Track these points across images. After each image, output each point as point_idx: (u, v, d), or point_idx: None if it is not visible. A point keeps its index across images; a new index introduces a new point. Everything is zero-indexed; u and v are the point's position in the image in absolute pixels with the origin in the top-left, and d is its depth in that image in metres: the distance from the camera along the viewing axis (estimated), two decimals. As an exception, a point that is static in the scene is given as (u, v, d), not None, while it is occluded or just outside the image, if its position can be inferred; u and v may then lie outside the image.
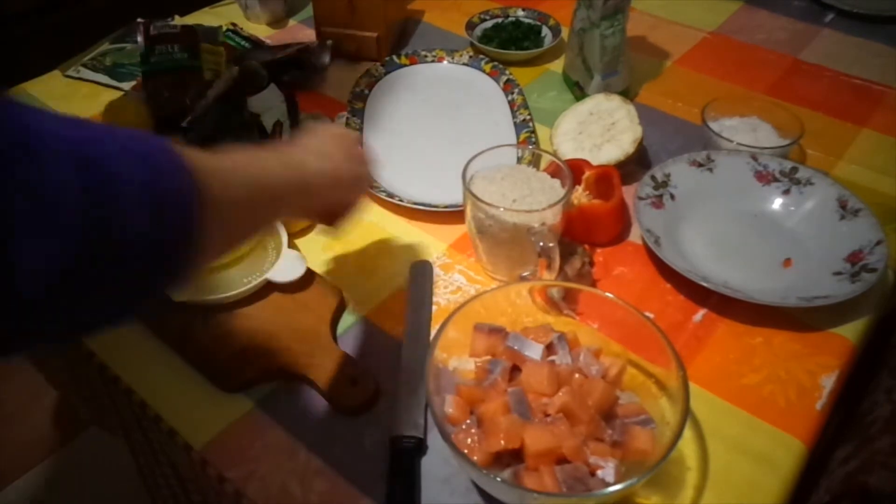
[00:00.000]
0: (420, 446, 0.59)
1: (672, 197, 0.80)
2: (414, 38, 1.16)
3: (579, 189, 0.79)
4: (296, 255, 0.72)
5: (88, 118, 0.95)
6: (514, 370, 0.59)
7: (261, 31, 1.14)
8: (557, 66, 1.08)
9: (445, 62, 1.06)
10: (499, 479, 0.50)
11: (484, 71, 1.05)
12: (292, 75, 1.01)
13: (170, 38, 0.99)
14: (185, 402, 0.63)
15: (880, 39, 1.14)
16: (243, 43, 1.06)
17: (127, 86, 1.00)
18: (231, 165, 0.45)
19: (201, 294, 0.68)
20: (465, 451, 0.52)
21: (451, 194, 0.80)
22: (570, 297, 0.66)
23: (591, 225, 0.77)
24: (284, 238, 0.73)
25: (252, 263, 0.71)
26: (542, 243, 0.64)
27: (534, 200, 0.69)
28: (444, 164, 0.86)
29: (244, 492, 0.57)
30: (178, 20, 1.01)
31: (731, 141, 0.84)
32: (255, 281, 0.69)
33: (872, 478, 0.57)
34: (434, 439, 0.60)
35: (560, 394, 0.55)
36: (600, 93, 0.92)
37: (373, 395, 0.62)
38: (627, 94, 0.99)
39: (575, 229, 0.75)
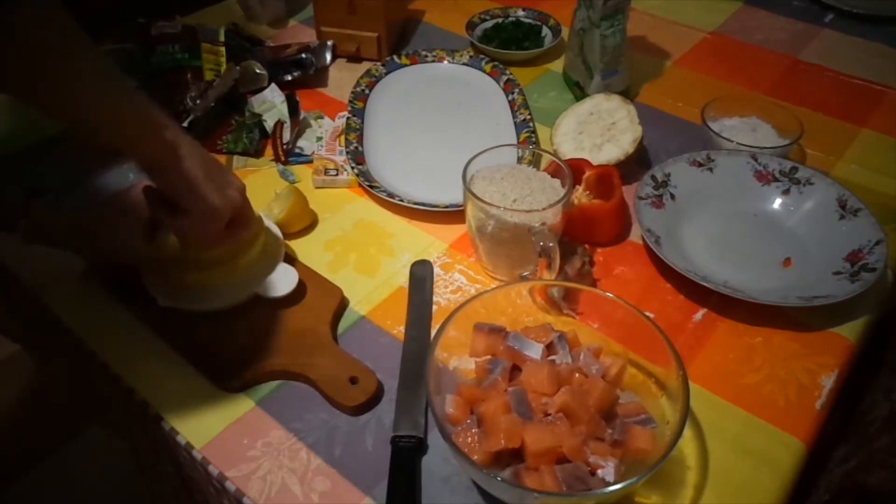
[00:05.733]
0: (420, 445, 0.59)
1: (672, 197, 0.80)
2: (414, 38, 1.16)
3: (579, 189, 0.79)
4: (288, 270, 0.70)
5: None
6: (515, 370, 0.59)
7: (261, 31, 1.15)
8: (557, 66, 1.08)
9: (446, 62, 1.07)
10: (499, 478, 0.50)
11: (484, 71, 1.05)
12: (293, 75, 1.02)
13: (171, 38, 0.99)
14: (186, 402, 0.63)
15: (880, 39, 1.14)
16: (244, 43, 1.06)
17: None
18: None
19: (189, 302, 0.67)
20: (466, 450, 0.52)
21: (451, 194, 0.80)
22: (570, 297, 0.66)
23: (591, 225, 0.77)
24: (281, 252, 0.72)
25: (244, 273, 0.69)
26: (542, 243, 0.64)
27: (534, 200, 0.69)
28: (444, 164, 0.86)
29: (245, 491, 0.57)
30: (179, 20, 1.01)
31: (731, 141, 0.84)
32: (245, 295, 0.68)
33: (871, 477, 0.58)
34: (434, 438, 0.60)
35: (560, 393, 0.55)
36: (600, 93, 0.92)
37: (373, 394, 0.62)
38: (627, 94, 0.99)
39: (575, 229, 0.75)
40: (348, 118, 0.93)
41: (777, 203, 0.80)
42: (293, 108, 0.94)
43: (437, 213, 0.80)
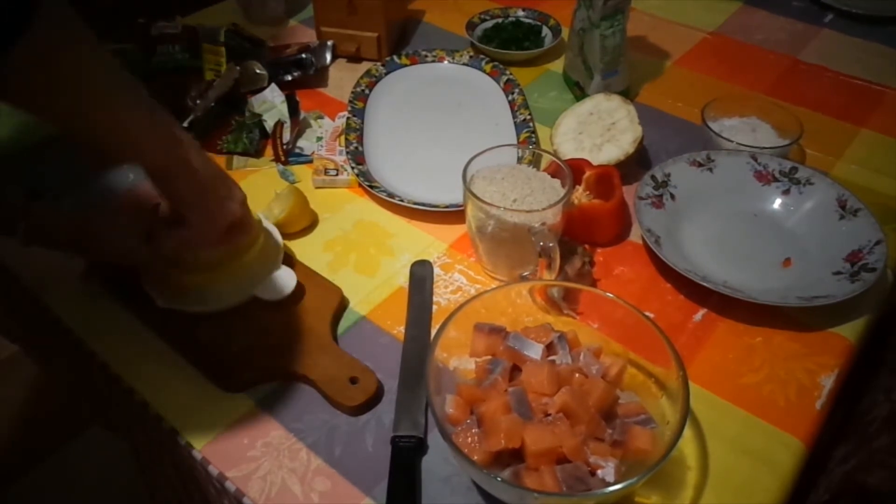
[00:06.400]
0: (420, 446, 0.59)
1: (672, 197, 0.80)
2: (414, 38, 1.16)
3: (579, 189, 0.79)
4: (287, 273, 0.70)
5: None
6: (515, 370, 0.59)
7: (261, 31, 1.14)
8: (557, 66, 1.08)
9: (446, 62, 1.06)
10: (499, 478, 0.50)
11: (484, 71, 1.05)
12: (293, 75, 1.02)
13: (171, 38, 0.99)
14: (186, 402, 0.63)
15: (880, 39, 1.14)
16: (244, 43, 1.06)
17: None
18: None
19: (188, 304, 0.67)
20: (466, 450, 0.52)
21: (451, 194, 0.80)
22: (570, 297, 0.66)
23: (591, 225, 0.77)
24: (280, 254, 0.72)
25: (243, 275, 0.69)
26: (542, 243, 0.64)
27: (534, 200, 0.69)
28: (444, 164, 0.86)
29: (245, 491, 0.57)
30: (179, 20, 1.01)
31: (731, 141, 0.84)
32: (243, 297, 0.68)
33: (871, 477, 0.58)
34: (434, 439, 0.60)
35: (560, 393, 0.55)
36: (600, 93, 0.92)
37: (373, 394, 0.62)
38: (627, 94, 0.99)
39: (575, 229, 0.75)
40: (348, 118, 0.93)
41: (777, 203, 0.81)
42: (293, 108, 0.94)
43: (437, 213, 0.80)
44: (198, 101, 0.93)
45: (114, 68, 0.51)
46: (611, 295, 0.61)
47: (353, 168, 0.85)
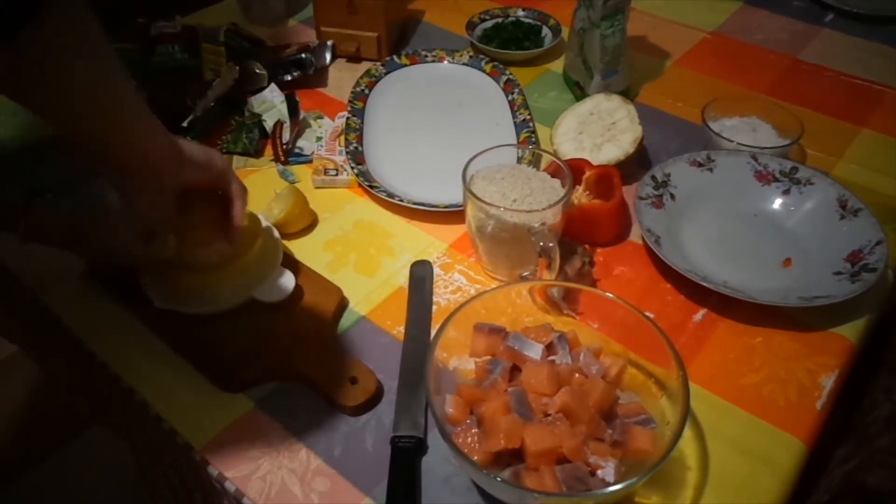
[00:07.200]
0: (420, 446, 0.59)
1: (672, 197, 0.80)
2: (414, 38, 1.16)
3: (579, 189, 0.79)
4: (285, 274, 0.70)
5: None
6: (515, 370, 0.59)
7: (261, 31, 1.14)
8: (557, 66, 1.08)
9: (446, 62, 1.06)
10: (499, 478, 0.50)
11: (484, 71, 1.05)
12: (293, 75, 1.02)
13: (170, 38, 0.99)
14: (185, 402, 0.63)
15: (880, 39, 1.14)
16: (243, 43, 1.06)
17: (127, 86, 1.00)
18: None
19: (186, 305, 0.67)
20: (466, 450, 0.52)
21: (451, 194, 0.80)
22: (570, 297, 0.66)
23: (591, 225, 0.77)
24: (279, 254, 0.72)
25: (241, 276, 0.69)
26: (542, 243, 0.64)
27: (534, 200, 0.69)
28: (444, 164, 0.86)
29: (245, 491, 0.57)
30: (179, 20, 1.01)
31: (731, 141, 0.84)
32: (242, 299, 0.68)
33: (871, 477, 0.58)
34: (434, 439, 0.60)
35: (560, 394, 0.55)
36: (600, 93, 0.92)
37: (373, 394, 0.62)
38: (627, 93, 0.99)
39: (575, 229, 0.75)
40: (348, 118, 0.93)
41: (777, 203, 0.80)
42: (293, 108, 0.94)
43: (437, 213, 0.80)
44: (197, 101, 0.93)
45: (120, 69, 0.51)
46: (611, 295, 0.61)
47: (352, 168, 0.85)
